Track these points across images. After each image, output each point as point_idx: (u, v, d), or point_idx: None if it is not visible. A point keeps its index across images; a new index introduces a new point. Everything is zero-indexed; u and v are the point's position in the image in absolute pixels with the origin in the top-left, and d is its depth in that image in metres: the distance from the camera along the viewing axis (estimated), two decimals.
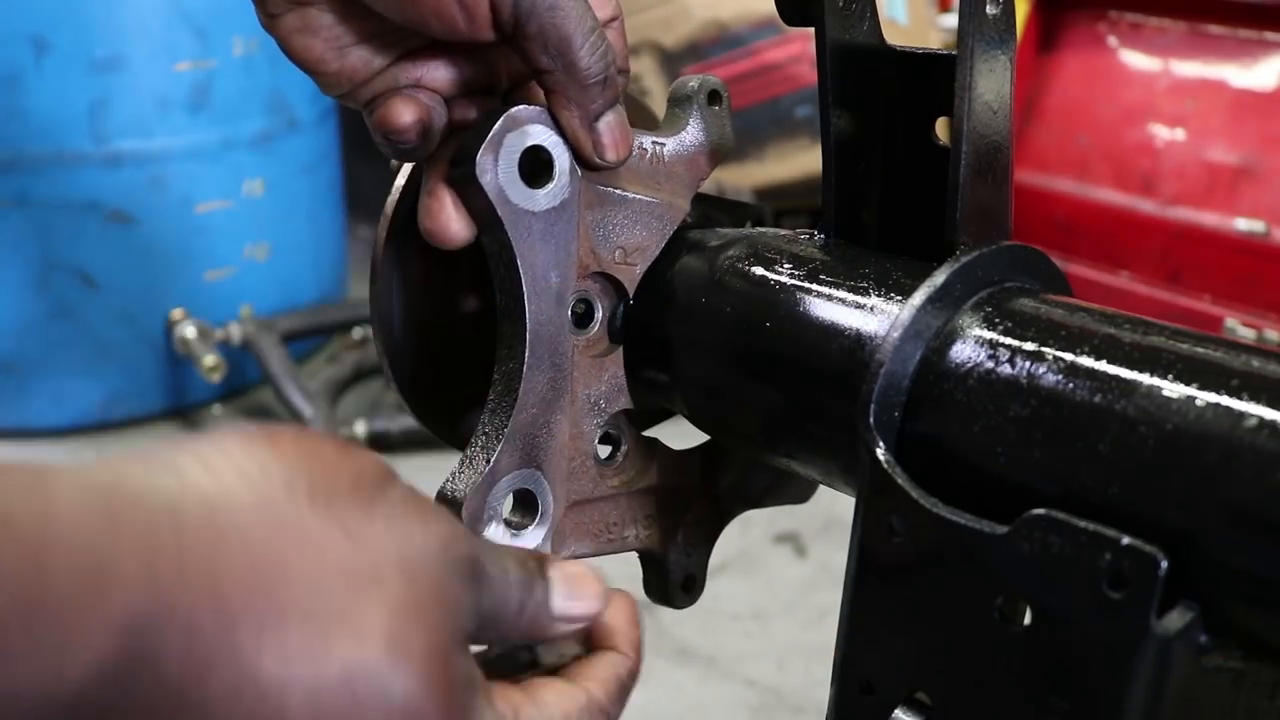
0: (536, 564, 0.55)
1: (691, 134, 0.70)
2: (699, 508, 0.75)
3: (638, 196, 0.68)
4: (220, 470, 0.42)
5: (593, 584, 0.57)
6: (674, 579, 0.75)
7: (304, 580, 0.42)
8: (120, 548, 0.38)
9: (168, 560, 0.39)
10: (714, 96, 0.71)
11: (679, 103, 0.71)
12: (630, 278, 0.69)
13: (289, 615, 0.41)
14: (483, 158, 0.62)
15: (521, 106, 0.63)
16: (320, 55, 0.63)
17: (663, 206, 0.69)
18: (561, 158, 0.64)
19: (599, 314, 0.69)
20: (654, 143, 0.69)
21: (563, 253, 0.65)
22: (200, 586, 0.39)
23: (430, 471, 0.74)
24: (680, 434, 0.75)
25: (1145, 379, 0.50)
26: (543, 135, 0.64)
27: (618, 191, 0.68)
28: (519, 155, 0.63)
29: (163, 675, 0.39)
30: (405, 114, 0.63)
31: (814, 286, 0.63)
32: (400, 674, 0.44)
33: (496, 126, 0.62)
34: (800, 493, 0.80)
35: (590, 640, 0.60)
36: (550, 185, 0.64)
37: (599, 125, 0.64)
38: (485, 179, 0.62)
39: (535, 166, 0.64)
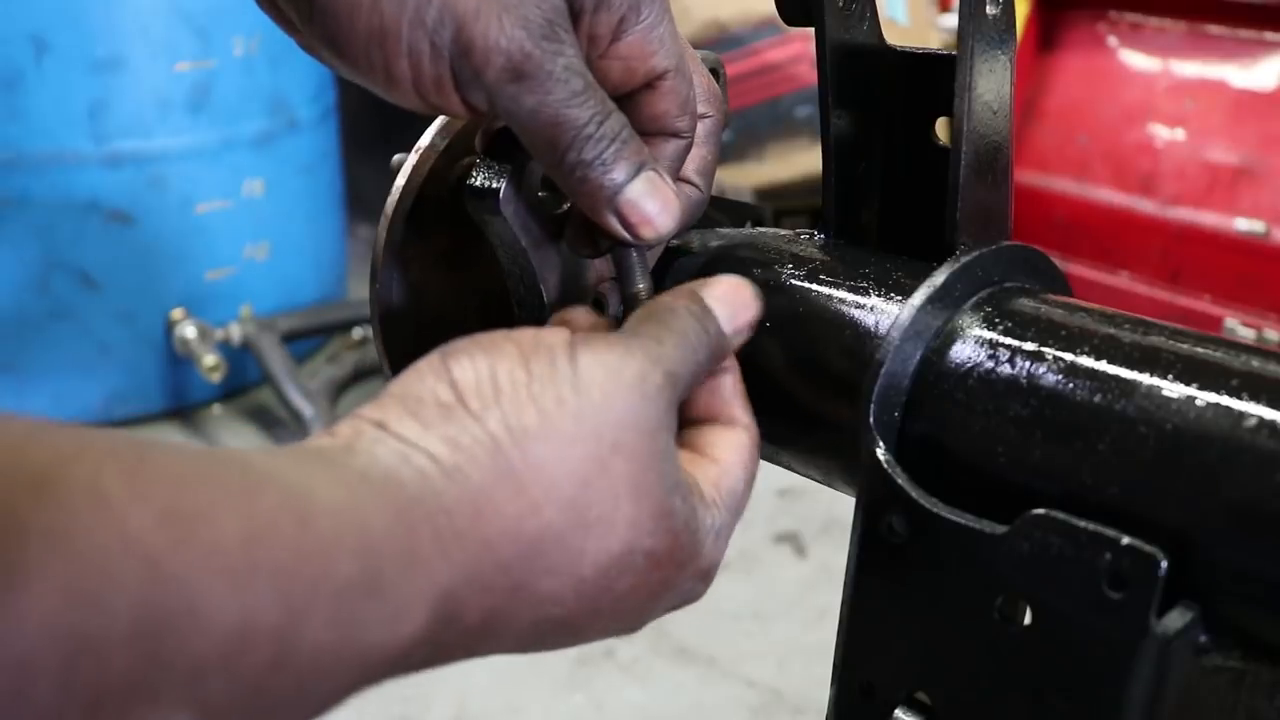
0: (700, 303, 0.57)
1: None
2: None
3: None
4: (438, 436, 0.48)
5: (744, 291, 0.59)
6: None
7: (546, 507, 0.49)
8: (416, 537, 0.45)
9: (448, 538, 0.46)
10: (713, 75, 0.71)
11: None
12: None
13: (546, 541, 0.48)
14: (506, 188, 0.61)
15: None
16: None
17: None
18: None
19: (610, 311, 0.69)
20: None
21: (582, 267, 0.65)
22: (478, 550, 0.47)
23: None
24: None
25: (1145, 379, 0.50)
26: None
27: None
28: (538, 180, 0.62)
29: (466, 624, 0.47)
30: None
31: (814, 287, 0.63)
32: (640, 546, 0.51)
33: (519, 159, 0.61)
34: None
35: None
36: (567, 205, 0.63)
37: (619, 203, 0.58)
38: (509, 210, 0.61)
39: (552, 188, 0.63)
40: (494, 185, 0.61)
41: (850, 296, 0.62)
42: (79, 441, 0.38)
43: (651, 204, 0.58)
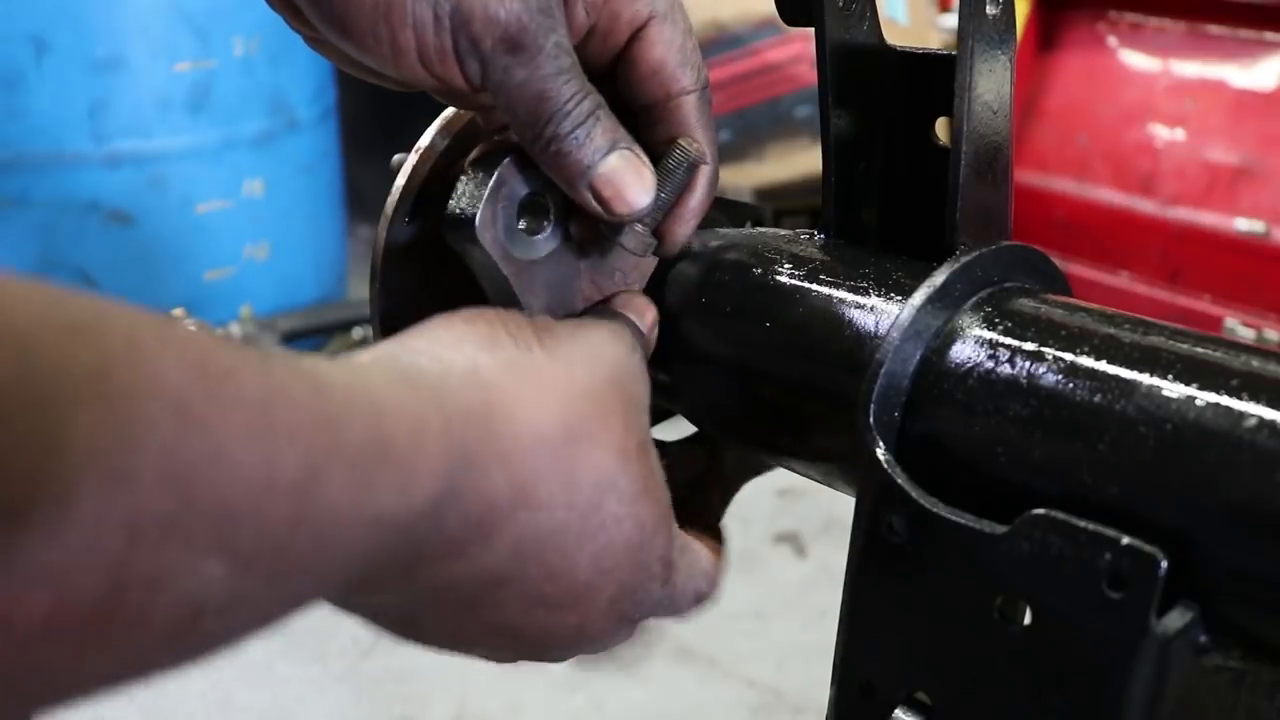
0: (613, 309, 0.64)
1: None
2: (708, 489, 0.75)
3: None
4: (450, 346, 0.52)
5: (639, 298, 0.66)
6: None
7: (546, 412, 0.52)
8: (425, 411, 0.47)
9: (455, 418, 0.48)
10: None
11: None
12: None
13: (547, 437, 0.52)
14: (482, 216, 0.60)
15: (512, 156, 0.61)
16: None
17: None
18: (557, 197, 0.62)
19: None
20: None
21: (566, 291, 0.64)
22: (479, 434, 0.49)
23: None
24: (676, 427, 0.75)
25: (1145, 379, 0.50)
26: (538, 180, 0.61)
27: None
28: (517, 205, 0.61)
29: (465, 508, 0.49)
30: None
31: (814, 287, 0.63)
32: (626, 471, 0.55)
33: (492, 183, 0.60)
34: None
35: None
36: (548, 228, 0.62)
37: (593, 178, 0.60)
38: (486, 238, 0.60)
39: (533, 210, 0.62)
40: (470, 214, 0.60)
41: (850, 296, 0.62)
42: (111, 301, 0.40)
43: (624, 179, 0.60)
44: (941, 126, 0.64)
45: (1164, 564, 0.46)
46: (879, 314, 0.60)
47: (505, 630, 0.55)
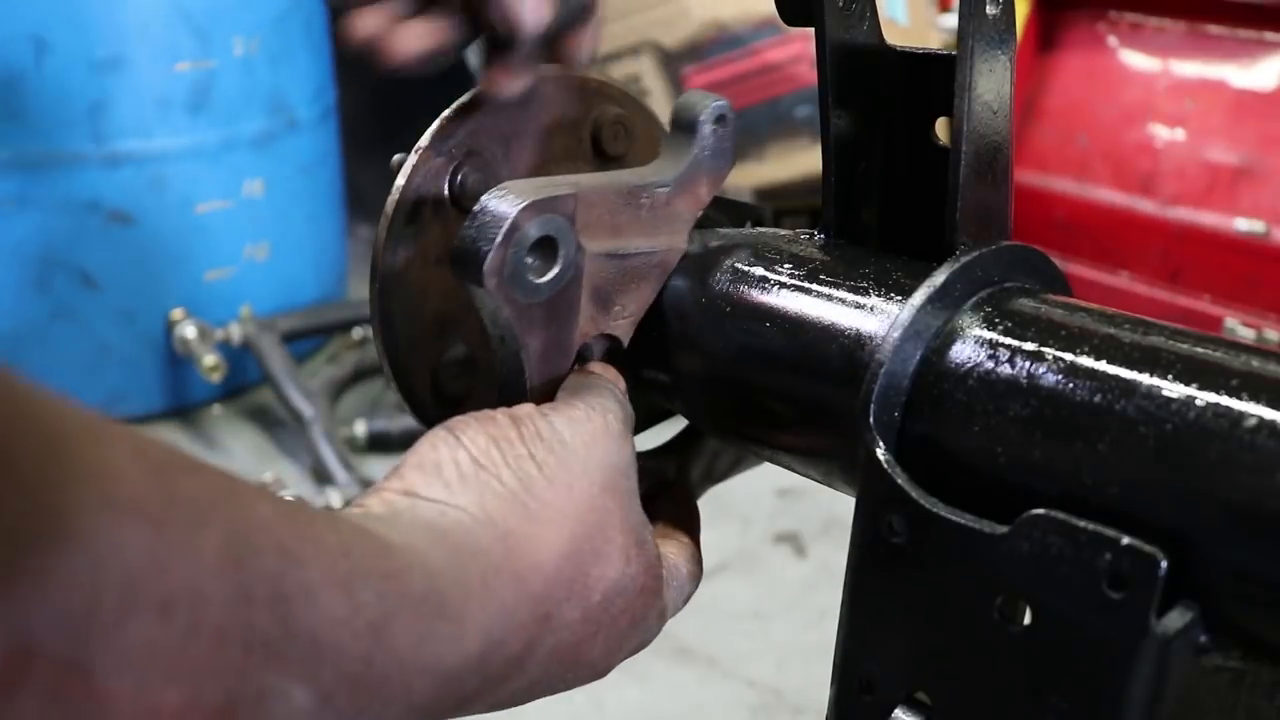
0: (599, 374, 0.66)
1: (693, 164, 0.68)
2: (673, 497, 0.75)
3: (638, 251, 0.66)
4: (460, 491, 0.55)
5: (611, 369, 0.68)
6: None
7: (559, 542, 0.56)
8: (467, 572, 0.52)
9: (489, 574, 0.53)
10: (720, 120, 0.68)
11: (682, 128, 0.68)
12: (625, 331, 0.68)
13: (563, 571, 0.56)
14: (491, 262, 0.58)
15: (531, 199, 0.59)
16: None
17: (662, 253, 0.68)
18: (567, 241, 0.61)
19: (593, 359, 0.68)
20: (657, 188, 0.66)
21: (565, 330, 0.64)
22: (513, 583, 0.54)
23: None
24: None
25: (1145, 379, 0.50)
26: (551, 224, 0.60)
27: (619, 252, 0.65)
28: (526, 249, 0.60)
29: (505, 652, 0.53)
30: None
31: (814, 287, 0.63)
32: (630, 571, 0.59)
33: (505, 228, 0.58)
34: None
35: None
36: (555, 270, 0.61)
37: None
38: (493, 283, 0.59)
39: (540, 253, 0.61)
40: (479, 257, 0.58)
41: (850, 296, 0.62)
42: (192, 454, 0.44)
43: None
44: (941, 126, 0.64)
45: (1164, 564, 0.46)
46: (879, 314, 0.60)
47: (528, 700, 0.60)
